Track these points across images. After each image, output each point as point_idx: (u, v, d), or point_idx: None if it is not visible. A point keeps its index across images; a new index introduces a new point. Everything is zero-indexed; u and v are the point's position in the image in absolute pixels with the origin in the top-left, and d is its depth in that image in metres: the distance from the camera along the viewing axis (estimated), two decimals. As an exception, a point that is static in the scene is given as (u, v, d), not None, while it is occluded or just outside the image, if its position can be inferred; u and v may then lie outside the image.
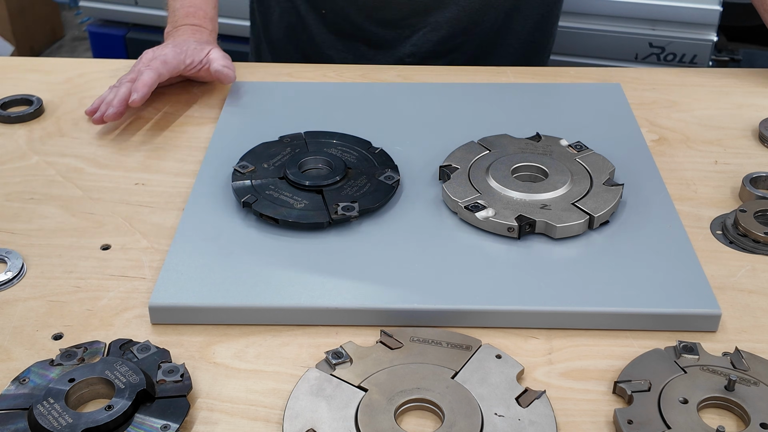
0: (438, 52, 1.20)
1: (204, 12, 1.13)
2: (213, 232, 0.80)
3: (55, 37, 3.22)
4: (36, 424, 0.60)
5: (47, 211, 0.87)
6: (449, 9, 1.17)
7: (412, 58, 1.20)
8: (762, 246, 0.80)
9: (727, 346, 0.70)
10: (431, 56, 1.20)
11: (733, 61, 1.99)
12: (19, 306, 0.75)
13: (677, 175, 0.92)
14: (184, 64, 1.04)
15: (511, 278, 0.75)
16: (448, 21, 1.17)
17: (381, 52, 1.21)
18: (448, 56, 1.21)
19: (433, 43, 1.19)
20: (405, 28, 1.19)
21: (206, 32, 1.12)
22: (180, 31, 1.11)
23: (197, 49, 1.05)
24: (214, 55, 1.06)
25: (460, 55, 1.21)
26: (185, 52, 1.04)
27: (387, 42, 1.21)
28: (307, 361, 0.69)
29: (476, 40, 1.20)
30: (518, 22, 1.21)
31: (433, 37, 1.19)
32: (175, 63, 1.03)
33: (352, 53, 1.23)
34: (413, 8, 1.17)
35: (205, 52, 1.05)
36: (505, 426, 0.61)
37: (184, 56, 1.04)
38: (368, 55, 1.22)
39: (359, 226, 0.81)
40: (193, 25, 1.12)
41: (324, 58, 1.24)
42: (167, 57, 1.02)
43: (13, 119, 1.02)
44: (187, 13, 1.13)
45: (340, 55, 1.23)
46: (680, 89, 1.10)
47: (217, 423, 0.64)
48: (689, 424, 0.61)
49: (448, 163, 0.88)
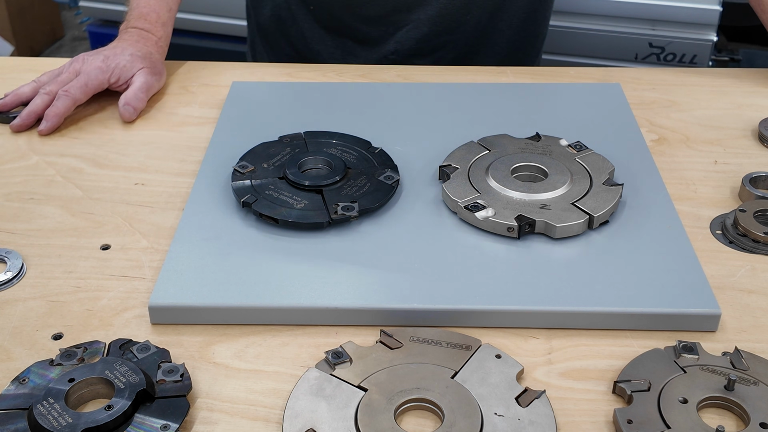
0: (422, 49, 1.21)
1: (157, 15, 1.13)
2: (213, 232, 0.80)
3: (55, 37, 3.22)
4: (36, 424, 0.60)
5: (47, 211, 0.87)
6: (431, 6, 1.17)
7: (396, 56, 1.21)
8: (762, 246, 0.80)
9: (726, 345, 0.70)
10: (415, 54, 1.21)
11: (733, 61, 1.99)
12: (19, 306, 0.75)
13: (677, 175, 0.92)
14: (107, 83, 1.05)
15: (511, 278, 0.75)
16: (429, 19, 1.18)
17: (367, 49, 1.22)
18: (433, 54, 1.21)
19: (416, 41, 1.20)
20: (388, 25, 1.20)
21: (153, 39, 1.11)
22: (128, 34, 1.11)
23: (126, 67, 1.05)
24: (134, 81, 1.05)
25: (445, 53, 1.22)
26: (112, 69, 1.05)
27: (372, 39, 1.22)
28: (307, 361, 0.69)
29: (461, 39, 1.21)
30: (503, 21, 1.21)
31: (416, 35, 1.20)
32: (97, 83, 1.04)
33: (340, 49, 1.23)
34: (395, 5, 1.18)
35: (131, 73, 1.05)
36: (504, 426, 0.61)
37: (110, 75, 1.04)
38: (355, 52, 1.23)
39: (359, 226, 0.81)
40: (142, 29, 1.12)
41: (313, 53, 1.25)
42: (89, 78, 1.03)
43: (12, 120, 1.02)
44: (140, 14, 1.13)
45: (328, 50, 1.24)
46: (680, 89, 1.10)
47: (217, 423, 0.64)
48: (689, 423, 0.61)
49: (447, 163, 0.88)
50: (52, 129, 1.00)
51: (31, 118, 1.01)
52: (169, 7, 1.15)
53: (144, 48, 1.09)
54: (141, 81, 1.05)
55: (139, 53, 1.07)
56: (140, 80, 1.05)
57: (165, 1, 1.14)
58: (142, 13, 1.13)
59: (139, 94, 1.04)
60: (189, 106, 1.07)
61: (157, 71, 1.08)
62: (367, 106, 1.03)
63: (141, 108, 1.04)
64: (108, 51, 1.07)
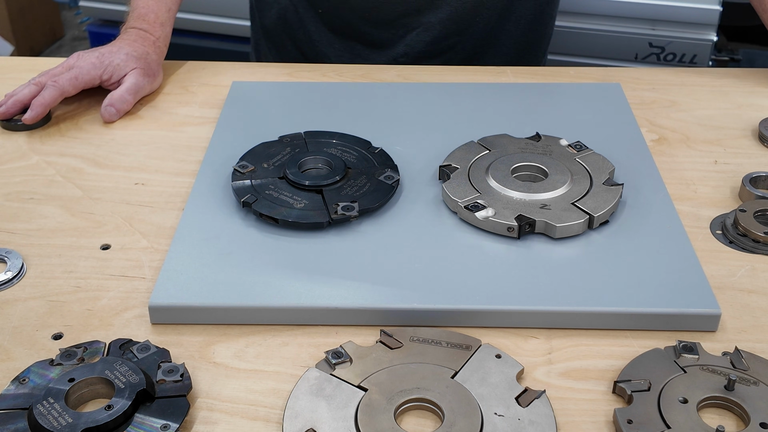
0: (431, 52, 1.20)
1: (155, 16, 1.13)
2: (213, 232, 0.80)
3: (55, 37, 3.23)
4: (36, 424, 0.60)
5: (47, 211, 0.87)
6: (441, 10, 1.17)
7: (406, 58, 1.21)
8: (762, 246, 0.80)
9: (726, 345, 0.70)
10: (424, 56, 1.21)
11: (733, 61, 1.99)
12: (19, 306, 0.75)
13: (677, 175, 0.92)
14: (99, 79, 1.05)
15: (511, 278, 0.75)
16: (440, 22, 1.18)
17: (376, 52, 1.22)
18: (442, 56, 1.21)
19: (426, 44, 1.20)
20: (398, 28, 1.20)
21: (151, 40, 1.12)
22: (127, 34, 1.12)
23: (119, 66, 1.05)
24: (124, 82, 1.05)
25: (453, 55, 1.21)
26: (105, 66, 1.05)
27: (381, 42, 1.21)
28: (307, 361, 0.69)
29: (469, 41, 1.21)
30: (511, 23, 1.21)
31: (426, 38, 1.19)
32: (88, 78, 1.04)
33: (349, 52, 1.23)
34: (405, 9, 1.18)
35: (124, 72, 1.05)
36: (504, 426, 0.61)
37: (102, 71, 1.04)
38: (364, 54, 1.22)
39: (359, 226, 0.81)
40: (140, 29, 1.12)
41: (321, 56, 1.24)
42: (81, 72, 1.03)
43: (20, 127, 1.01)
44: (139, 15, 1.14)
45: (336, 53, 1.23)
46: (680, 89, 1.10)
47: (217, 423, 0.64)
48: (689, 423, 0.61)
49: (447, 163, 0.88)
50: (36, 118, 1.00)
51: (16, 107, 1.01)
52: (168, 8, 1.15)
53: (141, 48, 1.09)
54: (131, 82, 1.05)
55: (134, 53, 1.07)
56: (130, 81, 1.05)
57: (164, 2, 1.14)
58: (141, 13, 1.13)
59: (126, 96, 1.03)
60: (189, 106, 1.07)
61: (151, 72, 1.08)
62: (367, 106, 1.03)
63: (124, 110, 1.04)
64: (104, 49, 1.07)
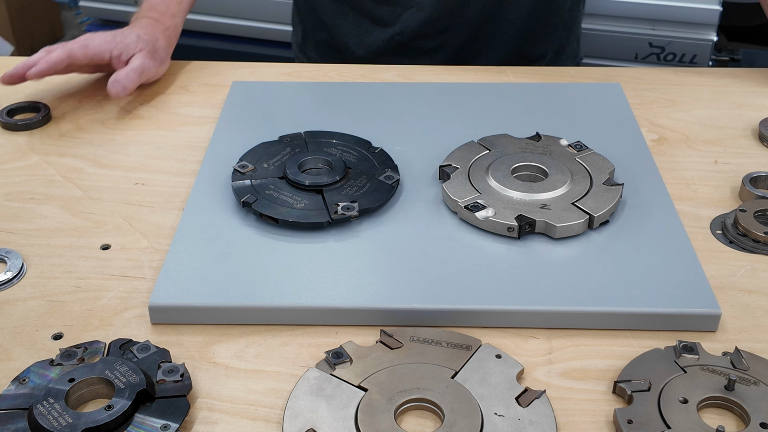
0: (425, 33, 1.22)
1: (166, 6, 1.15)
2: (213, 232, 0.80)
3: (55, 37, 3.22)
4: (36, 424, 0.60)
5: (47, 211, 0.87)
6: None
7: (401, 37, 1.23)
8: (762, 246, 0.80)
9: (726, 345, 0.70)
10: (419, 36, 1.22)
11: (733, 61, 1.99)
12: (19, 306, 0.75)
13: (677, 174, 0.92)
14: (109, 54, 1.04)
15: (511, 278, 0.75)
16: (431, 2, 1.19)
17: (378, 29, 1.24)
18: (436, 38, 1.22)
19: (419, 23, 1.21)
20: (396, 5, 1.22)
21: (161, 28, 1.12)
22: (138, 21, 1.13)
23: (130, 45, 1.05)
24: (133, 60, 1.05)
25: (450, 38, 1.22)
26: (118, 44, 1.05)
27: (381, 18, 1.23)
28: (307, 361, 0.69)
29: (465, 25, 1.21)
30: (511, 11, 1.21)
31: (419, 17, 1.21)
32: (98, 50, 1.04)
33: (359, 27, 1.26)
34: None
35: (133, 52, 1.05)
36: (505, 426, 0.61)
37: (113, 46, 1.04)
38: (370, 30, 1.25)
39: (359, 226, 0.81)
40: (152, 18, 1.13)
41: (336, 27, 1.27)
42: (92, 43, 1.03)
43: (20, 127, 1.01)
44: (151, 5, 1.15)
45: (348, 26, 1.26)
46: (680, 89, 1.10)
47: (217, 423, 0.64)
48: (689, 423, 0.61)
49: (448, 163, 0.88)
50: (40, 74, 0.99)
51: (24, 68, 1.00)
52: (179, 0, 1.16)
53: (152, 33, 1.10)
54: (138, 63, 1.05)
55: (145, 36, 1.08)
56: (137, 62, 1.05)
57: None
58: (153, 4, 1.15)
59: (132, 75, 1.03)
60: (189, 106, 1.07)
61: (159, 57, 1.09)
62: (367, 106, 1.03)
63: (131, 88, 1.02)
64: (117, 31, 1.08)
